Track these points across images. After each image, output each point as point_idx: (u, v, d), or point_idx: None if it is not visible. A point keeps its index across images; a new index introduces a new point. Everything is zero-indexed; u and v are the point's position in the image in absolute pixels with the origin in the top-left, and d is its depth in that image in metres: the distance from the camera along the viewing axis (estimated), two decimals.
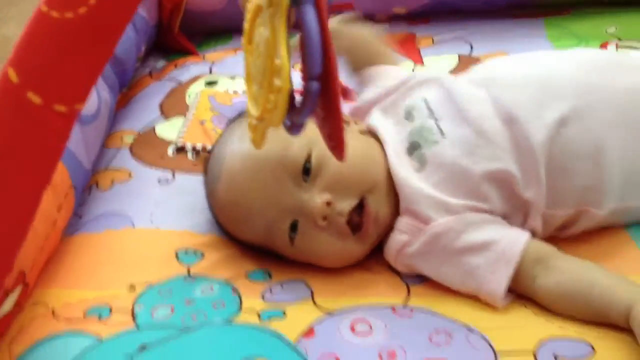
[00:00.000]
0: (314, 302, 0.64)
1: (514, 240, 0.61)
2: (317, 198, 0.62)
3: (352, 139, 0.60)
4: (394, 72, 0.76)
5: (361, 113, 0.73)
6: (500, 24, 1.04)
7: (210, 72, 1.02)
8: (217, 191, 0.67)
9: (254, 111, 0.43)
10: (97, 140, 0.82)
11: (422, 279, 0.65)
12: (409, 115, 0.68)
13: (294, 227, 0.64)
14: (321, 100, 0.39)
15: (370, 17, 1.09)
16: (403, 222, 0.64)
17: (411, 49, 1.01)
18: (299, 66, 0.44)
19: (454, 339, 0.58)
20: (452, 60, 0.98)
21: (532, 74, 0.67)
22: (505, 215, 0.64)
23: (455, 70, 0.95)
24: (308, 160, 0.63)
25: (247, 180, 0.63)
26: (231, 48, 1.08)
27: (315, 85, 0.38)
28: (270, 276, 0.67)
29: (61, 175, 0.71)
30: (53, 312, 0.64)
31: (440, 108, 0.66)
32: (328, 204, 0.62)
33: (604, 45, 0.97)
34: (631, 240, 0.66)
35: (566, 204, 0.64)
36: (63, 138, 0.42)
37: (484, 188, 0.63)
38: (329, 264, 0.66)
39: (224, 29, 1.11)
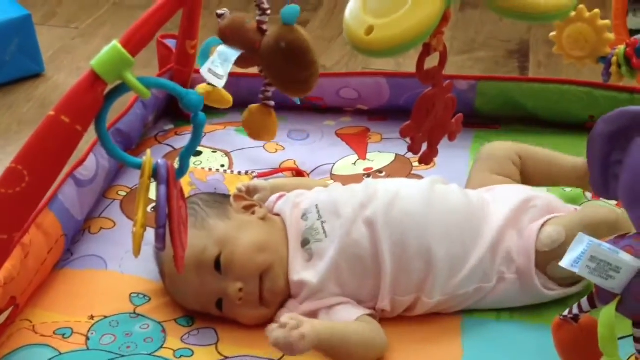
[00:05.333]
0: (217, 348, 0.87)
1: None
2: (231, 287, 0.85)
3: (252, 227, 0.89)
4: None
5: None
6: None
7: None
8: (165, 283, 0.92)
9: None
10: (92, 198, 1.07)
11: None
12: (304, 216, 0.91)
13: (219, 303, 0.88)
14: (170, 235, 0.63)
15: (338, 110, 1.33)
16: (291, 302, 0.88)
17: (360, 143, 1.23)
18: None
19: None
20: (389, 158, 1.19)
21: (396, 193, 0.91)
22: (359, 301, 0.86)
23: (389, 166, 1.18)
24: (218, 258, 0.86)
25: (180, 279, 0.87)
26: (222, 122, 1.31)
27: (161, 230, 0.62)
28: (193, 322, 0.91)
29: (54, 226, 0.95)
30: (34, 328, 0.89)
31: (325, 212, 0.90)
32: (240, 290, 0.85)
33: None
34: (458, 332, 0.87)
35: (407, 292, 0.87)
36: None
37: (347, 279, 0.86)
38: (248, 324, 0.89)
39: None
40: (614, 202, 0.97)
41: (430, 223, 0.88)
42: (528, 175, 1.04)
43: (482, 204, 0.92)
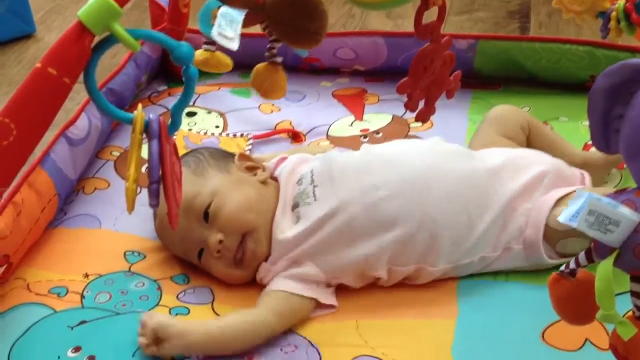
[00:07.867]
0: (212, 307, 0.86)
1: None
2: (212, 237, 0.85)
3: (249, 186, 0.89)
4: None
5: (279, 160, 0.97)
6: None
7: (194, 103, 1.25)
8: (155, 224, 0.92)
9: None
10: (85, 157, 1.06)
11: None
12: (299, 181, 0.90)
13: (200, 253, 0.87)
14: (164, 191, 0.62)
15: (335, 71, 1.32)
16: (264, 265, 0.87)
17: (357, 105, 1.22)
18: None
19: (298, 349, 0.80)
20: (386, 119, 1.18)
21: (395, 159, 0.89)
22: (341, 270, 0.85)
23: (386, 127, 1.16)
24: (208, 207, 0.86)
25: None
26: (217, 83, 1.30)
27: (153, 186, 0.61)
28: (188, 280, 0.90)
29: (47, 185, 0.95)
30: (28, 286, 0.88)
31: (319, 177, 0.88)
32: (220, 241, 0.85)
33: None
34: (454, 293, 0.87)
35: (407, 262, 0.86)
36: None
37: (331, 244, 0.85)
38: (221, 279, 0.88)
39: None
40: None
41: (433, 190, 0.85)
42: (530, 146, 1.01)
43: (490, 173, 0.89)
